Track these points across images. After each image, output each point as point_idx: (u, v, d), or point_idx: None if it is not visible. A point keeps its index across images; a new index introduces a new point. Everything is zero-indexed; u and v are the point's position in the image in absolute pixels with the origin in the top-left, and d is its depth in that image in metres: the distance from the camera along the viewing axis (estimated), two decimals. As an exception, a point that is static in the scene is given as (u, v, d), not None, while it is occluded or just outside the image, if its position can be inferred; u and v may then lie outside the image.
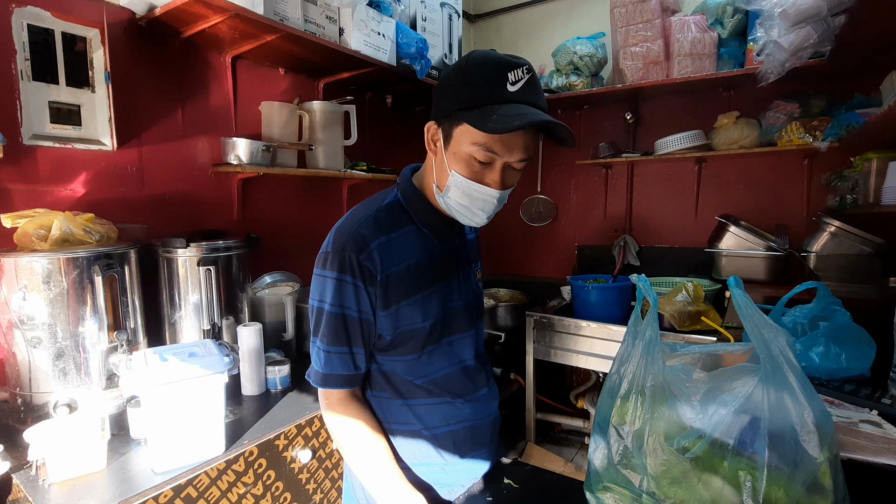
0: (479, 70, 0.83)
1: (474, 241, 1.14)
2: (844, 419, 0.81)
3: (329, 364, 0.92)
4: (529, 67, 0.83)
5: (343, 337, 0.90)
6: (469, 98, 0.82)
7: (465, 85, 0.83)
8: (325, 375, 0.93)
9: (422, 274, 0.93)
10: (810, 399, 0.68)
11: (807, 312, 1.12)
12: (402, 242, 0.92)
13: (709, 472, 0.68)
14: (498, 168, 0.86)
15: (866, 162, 1.82)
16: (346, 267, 0.87)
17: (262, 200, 2.00)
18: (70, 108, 1.48)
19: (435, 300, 0.95)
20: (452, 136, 0.86)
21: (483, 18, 3.16)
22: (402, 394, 0.95)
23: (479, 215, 0.90)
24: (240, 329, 1.49)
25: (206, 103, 1.79)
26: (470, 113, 0.82)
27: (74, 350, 1.25)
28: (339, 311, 0.89)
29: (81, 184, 1.49)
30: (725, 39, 2.20)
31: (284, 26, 1.62)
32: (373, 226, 0.91)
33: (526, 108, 0.81)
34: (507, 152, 0.84)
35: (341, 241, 0.89)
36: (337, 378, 0.93)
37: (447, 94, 0.86)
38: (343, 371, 0.92)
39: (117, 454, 1.19)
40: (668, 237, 2.66)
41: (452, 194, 0.89)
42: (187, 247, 1.46)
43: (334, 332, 0.90)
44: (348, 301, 0.89)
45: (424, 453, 0.95)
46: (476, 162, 0.85)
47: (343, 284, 0.88)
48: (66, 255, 1.22)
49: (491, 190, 0.87)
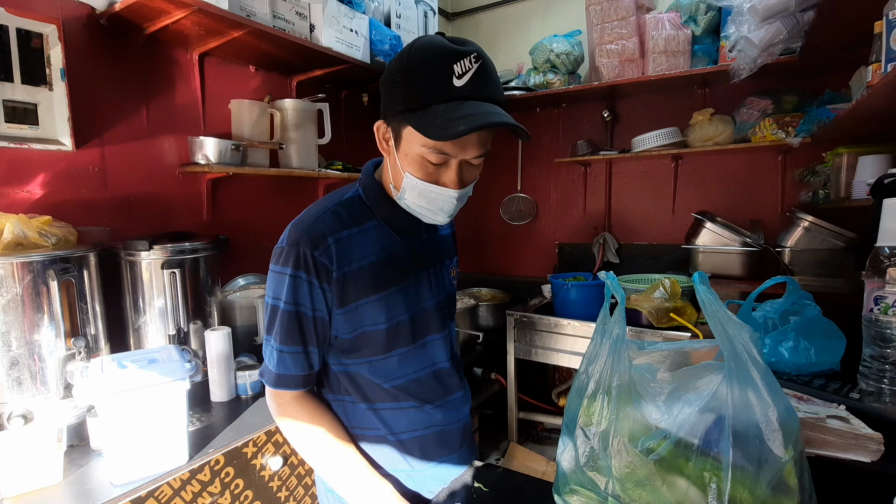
0: (421, 64, 0.76)
1: (449, 237, 1.10)
2: (812, 415, 0.80)
3: (282, 363, 0.88)
4: (479, 54, 0.76)
5: (297, 336, 0.87)
6: (412, 98, 0.77)
7: (408, 82, 0.77)
8: (279, 376, 0.89)
9: (383, 272, 0.89)
10: (775, 396, 0.67)
11: (777, 307, 1.12)
12: (362, 238, 0.89)
13: (674, 473, 0.66)
14: (454, 167, 0.81)
15: (837, 157, 1.83)
16: (300, 263, 0.84)
17: (234, 201, 1.96)
18: (26, 107, 1.42)
19: (400, 300, 0.91)
20: (401, 136, 0.82)
21: (461, 16, 3.14)
22: (368, 397, 0.92)
23: (439, 215, 0.87)
24: (207, 333, 1.44)
25: (172, 102, 1.74)
26: (413, 115, 0.76)
27: (29, 358, 1.19)
28: (294, 308, 0.85)
29: (39, 185, 1.44)
30: (699, 37, 2.21)
31: (251, 22, 1.58)
32: (330, 220, 0.87)
33: (475, 105, 0.75)
34: (460, 151, 0.80)
35: (296, 236, 0.85)
36: (291, 378, 0.89)
37: (391, 92, 0.81)
38: (297, 371, 0.89)
39: (75, 466, 1.14)
40: (647, 234, 2.67)
41: (409, 196, 0.85)
42: (150, 249, 1.42)
43: (288, 330, 0.86)
44: (303, 298, 0.85)
45: (390, 459, 0.92)
46: (429, 163, 0.81)
47: (298, 281, 0.84)
48: (19, 259, 1.17)
49: (448, 190, 0.83)
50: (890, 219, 0.96)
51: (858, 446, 0.75)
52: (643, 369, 0.76)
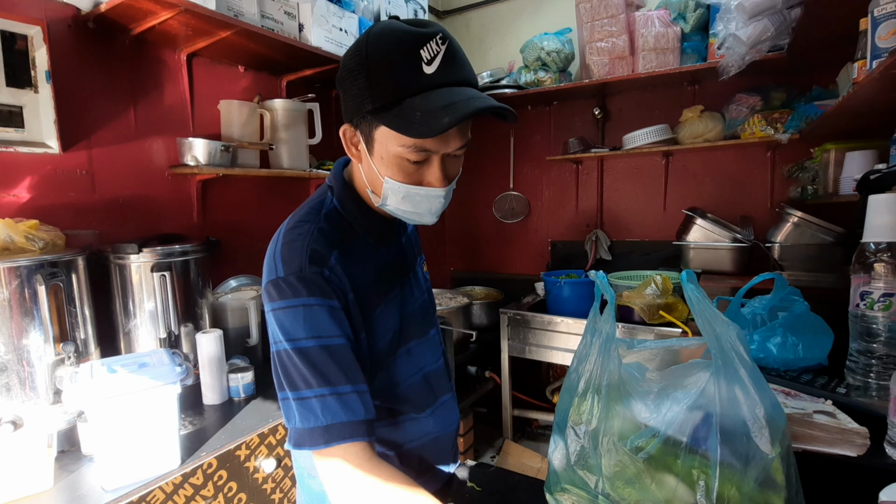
0: (384, 53, 0.67)
1: (414, 233, 1.03)
2: (799, 410, 0.81)
3: (327, 412, 0.68)
4: (444, 34, 0.68)
5: (335, 373, 0.70)
6: (380, 94, 0.68)
7: (372, 76, 0.68)
8: (327, 428, 0.68)
9: (378, 286, 0.83)
10: (762, 393, 0.68)
11: (765, 303, 1.13)
12: (352, 256, 0.80)
13: (663, 471, 0.67)
14: (436, 163, 0.73)
15: (825, 153, 1.85)
16: (313, 289, 0.71)
17: (225, 202, 1.94)
18: (11, 110, 1.40)
19: (392, 310, 0.85)
20: (374, 138, 0.73)
21: (451, 14, 3.14)
22: None
23: (427, 217, 0.80)
24: (198, 336, 1.44)
25: (160, 103, 1.73)
26: (387, 114, 0.68)
27: (18, 364, 1.18)
28: (317, 343, 0.70)
29: (26, 189, 1.42)
30: (688, 34, 2.22)
31: (239, 22, 1.57)
32: (322, 240, 0.76)
33: (452, 92, 0.68)
34: (442, 146, 0.72)
35: (296, 263, 0.73)
36: (345, 427, 0.68)
37: (354, 91, 0.71)
38: (350, 416, 0.69)
39: (66, 472, 1.14)
40: (639, 231, 2.68)
41: (392, 202, 0.77)
42: (140, 252, 1.41)
43: (321, 370, 0.70)
44: (326, 328, 0.71)
45: None
46: (409, 163, 0.73)
47: (312, 310, 0.71)
48: (6, 264, 1.16)
49: (434, 190, 0.75)
50: (875, 215, 0.97)
51: (845, 441, 0.76)
52: (632, 368, 0.76)
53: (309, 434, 0.69)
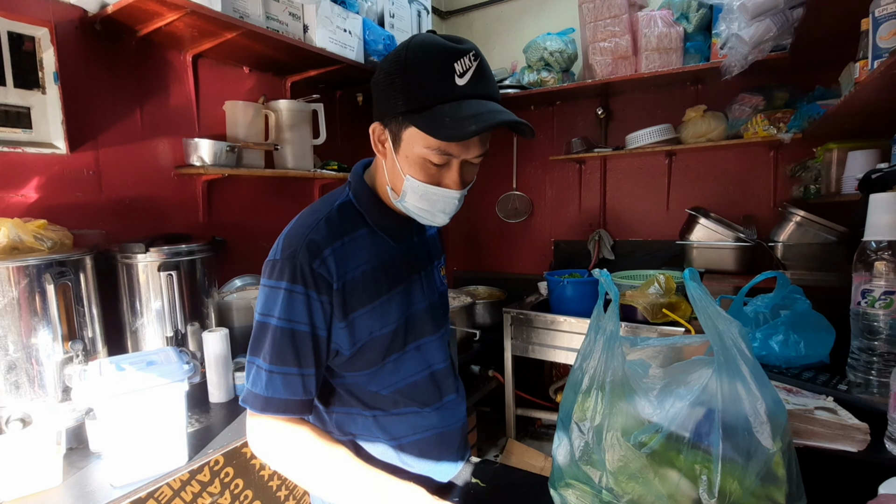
0: (421, 63, 0.75)
1: (435, 237, 1.09)
2: (800, 407, 0.82)
3: (271, 386, 0.80)
4: (476, 52, 0.76)
5: (290, 356, 0.80)
6: (414, 98, 0.76)
7: (408, 82, 0.76)
8: (267, 399, 0.80)
9: (378, 278, 0.88)
10: (763, 389, 0.69)
11: (768, 302, 1.14)
12: (356, 246, 0.86)
13: (666, 466, 0.68)
14: (455, 167, 0.81)
15: (828, 152, 1.85)
16: (297, 276, 0.80)
17: (230, 202, 1.96)
18: (19, 111, 1.42)
19: (394, 305, 0.89)
20: (402, 138, 0.80)
21: (454, 15, 3.15)
22: (368, 405, 0.91)
23: (440, 217, 0.86)
24: (205, 335, 1.45)
25: (166, 103, 1.74)
26: (418, 116, 0.75)
27: (27, 362, 1.20)
28: (287, 325, 0.80)
29: (34, 189, 1.44)
30: (691, 34, 2.22)
31: (244, 23, 1.59)
32: (325, 230, 0.84)
33: (479, 104, 0.76)
34: (464, 151, 0.80)
35: (291, 249, 0.81)
36: (280, 403, 0.81)
37: (389, 93, 0.79)
38: (288, 395, 0.81)
39: (75, 468, 1.15)
40: (642, 230, 2.69)
41: (410, 199, 0.84)
42: (147, 251, 1.42)
43: (280, 349, 0.80)
44: (298, 314, 0.80)
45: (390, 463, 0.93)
46: (431, 164, 0.80)
47: (293, 296, 0.80)
48: (15, 263, 1.17)
49: (451, 191, 0.82)
50: (876, 213, 0.98)
51: (845, 436, 0.77)
52: (636, 365, 0.77)
53: (253, 397, 0.82)
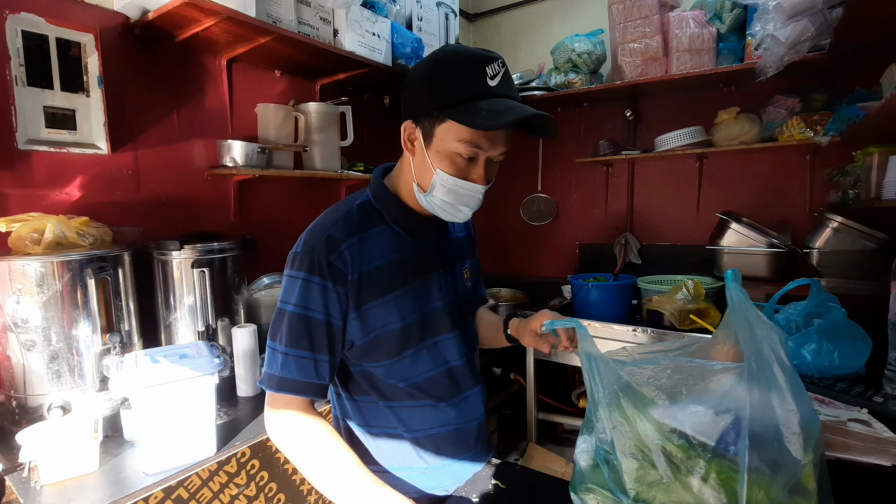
0: (456, 65, 0.83)
1: (464, 239, 1.11)
2: (833, 418, 0.79)
3: (286, 367, 0.86)
4: (503, 61, 0.84)
5: (304, 340, 0.85)
6: (452, 94, 0.82)
7: (445, 79, 0.83)
8: (282, 379, 0.85)
9: (394, 273, 0.92)
10: (799, 400, 0.67)
11: (801, 309, 1.10)
12: (373, 241, 0.91)
13: (689, 474, 0.67)
14: (481, 163, 0.87)
15: (867, 156, 1.78)
16: (314, 267, 0.85)
17: (260, 202, 2.01)
18: (65, 113, 1.49)
19: (410, 300, 0.93)
20: (434, 134, 0.86)
21: (482, 17, 3.15)
22: (385, 395, 0.94)
23: (463, 211, 0.91)
24: (234, 330, 1.49)
25: (201, 106, 1.80)
26: (455, 110, 0.81)
27: (68, 352, 1.26)
28: (303, 312, 0.85)
29: (77, 187, 1.51)
30: (724, 34, 2.17)
31: (277, 28, 1.63)
32: (343, 227, 0.90)
33: (509, 101, 0.82)
34: (491, 147, 0.86)
35: (311, 243, 0.88)
36: (294, 383, 0.86)
37: (424, 92, 0.86)
38: (301, 377, 0.86)
39: (110, 455, 1.20)
40: (670, 235, 2.64)
41: (438, 193, 0.88)
42: (181, 249, 1.47)
43: (294, 334, 0.86)
44: (314, 303, 0.85)
45: (405, 457, 0.94)
46: (461, 158, 0.85)
47: (310, 285, 0.85)
48: (59, 258, 1.23)
49: (477, 186, 0.87)
50: (919, 220, 0.94)
51: (879, 450, 0.74)
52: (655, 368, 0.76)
53: (269, 377, 0.88)
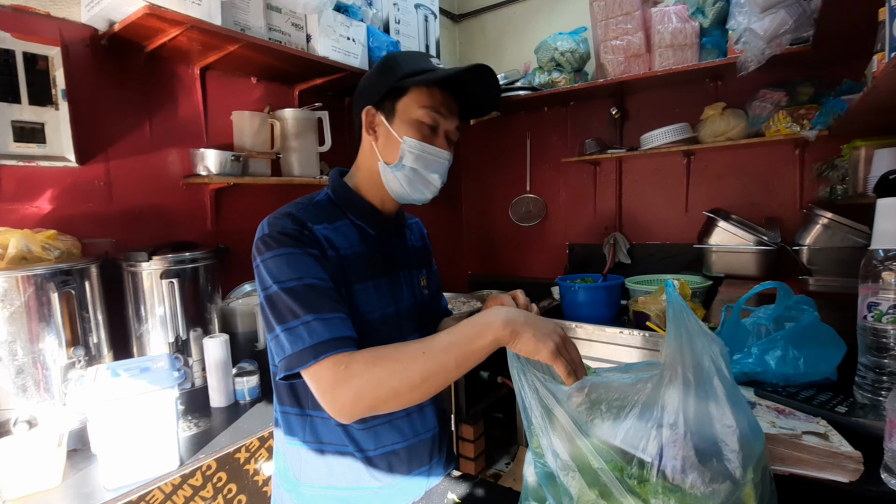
0: (405, 55, 0.93)
1: (421, 250, 1.11)
2: (787, 431, 0.76)
3: (313, 334, 0.74)
4: None
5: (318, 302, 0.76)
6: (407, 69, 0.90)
7: (398, 64, 0.91)
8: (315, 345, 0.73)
9: (361, 264, 0.91)
10: (738, 415, 0.64)
11: (770, 313, 1.07)
12: (340, 232, 0.92)
13: (628, 494, 0.64)
14: (442, 134, 0.93)
15: (854, 150, 1.73)
16: (290, 241, 0.81)
17: (238, 210, 2.00)
18: (34, 127, 1.48)
19: (386, 291, 0.94)
20: (397, 109, 0.91)
21: (467, 18, 3.13)
22: None
23: (431, 180, 0.93)
24: (205, 341, 1.48)
25: (175, 115, 1.80)
26: (414, 79, 0.89)
27: (33, 366, 1.25)
28: (301, 283, 0.78)
29: (47, 200, 1.50)
30: (707, 29, 2.13)
31: (245, 36, 1.61)
32: (309, 212, 0.90)
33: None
34: (449, 115, 0.93)
35: (278, 224, 0.84)
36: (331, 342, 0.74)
37: (381, 76, 0.92)
38: (334, 334, 0.74)
39: (75, 469, 1.19)
40: (659, 233, 2.59)
41: (407, 161, 0.91)
42: (150, 259, 1.46)
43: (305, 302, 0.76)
44: (308, 271, 0.79)
45: (356, 476, 0.91)
46: (425, 126, 0.91)
47: (294, 257, 0.80)
48: (22, 273, 1.23)
49: (443, 152, 0.93)
50: (883, 220, 0.91)
51: (835, 465, 0.71)
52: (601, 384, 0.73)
53: (298, 356, 0.74)
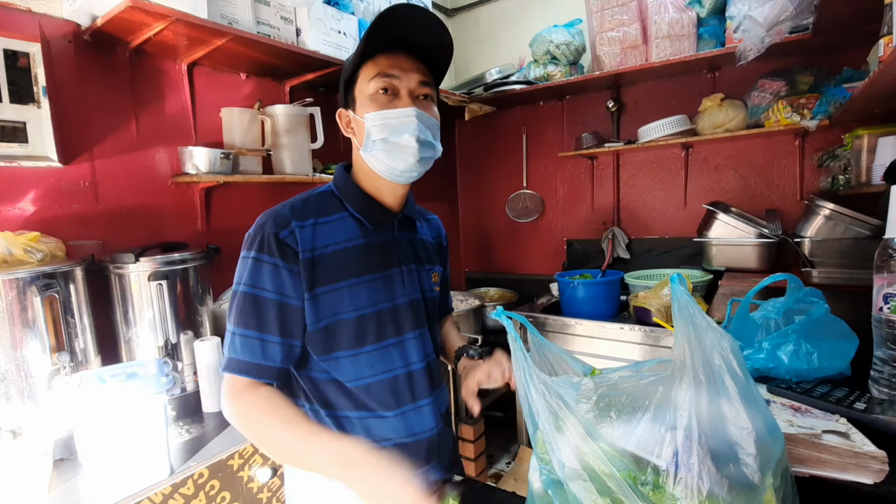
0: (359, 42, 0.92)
1: (434, 245, 1.08)
2: (806, 430, 0.72)
3: (233, 347, 0.83)
4: None
5: (252, 319, 0.83)
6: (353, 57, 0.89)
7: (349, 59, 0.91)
8: (228, 360, 0.84)
9: (350, 261, 0.89)
10: (754, 415, 0.60)
11: (779, 307, 1.03)
12: (331, 227, 0.90)
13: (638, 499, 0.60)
14: (405, 94, 0.88)
15: (856, 139, 1.71)
16: (263, 246, 0.84)
17: (229, 209, 1.95)
18: (15, 126, 1.43)
19: (366, 292, 0.89)
20: (354, 96, 0.91)
21: (461, 12, 3.08)
22: (330, 404, 0.90)
23: (407, 145, 0.87)
24: (196, 344, 1.44)
25: (162, 112, 1.75)
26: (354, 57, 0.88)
27: (16, 374, 1.20)
28: (251, 291, 0.84)
29: (31, 202, 1.45)
30: (705, 18, 2.09)
31: (232, 29, 1.57)
32: (299, 208, 0.90)
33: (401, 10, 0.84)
34: (403, 73, 0.87)
35: (261, 223, 0.87)
36: (238, 363, 0.83)
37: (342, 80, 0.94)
38: (245, 357, 0.82)
39: (62, 480, 1.15)
40: (659, 227, 2.56)
41: (374, 135, 0.88)
42: (137, 261, 1.41)
43: (242, 313, 0.83)
44: (262, 282, 0.84)
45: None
46: (381, 95, 0.88)
47: (259, 264, 0.84)
48: (3, 276, 1.18)
49: (406, 109, 0.87)
50: (898, 207, 0.87)
51: (858, 466, 0.67)
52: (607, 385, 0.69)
53: (227, 361, 0.84)
